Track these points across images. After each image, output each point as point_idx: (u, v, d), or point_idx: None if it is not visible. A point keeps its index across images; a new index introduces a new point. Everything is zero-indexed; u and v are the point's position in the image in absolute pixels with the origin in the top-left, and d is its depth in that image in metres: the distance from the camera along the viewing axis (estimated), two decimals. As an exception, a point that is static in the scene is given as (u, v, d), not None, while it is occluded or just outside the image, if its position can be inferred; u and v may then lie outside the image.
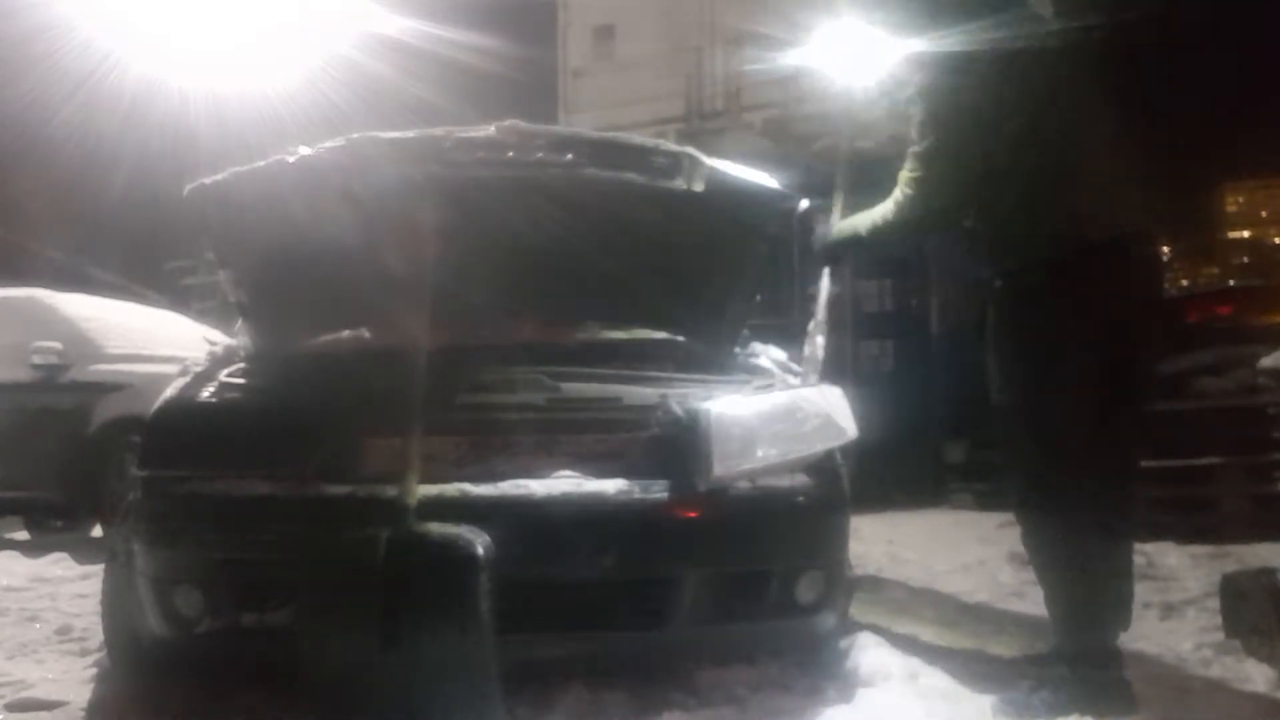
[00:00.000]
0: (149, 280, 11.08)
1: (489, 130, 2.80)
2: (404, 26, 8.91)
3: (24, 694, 2.70)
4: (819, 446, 2.69)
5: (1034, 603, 3.62)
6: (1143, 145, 2.92)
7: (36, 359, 5.78)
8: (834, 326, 3.22)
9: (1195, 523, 5.20)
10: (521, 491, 2.49)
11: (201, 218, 3.03)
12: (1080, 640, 2.54)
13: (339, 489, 2.48)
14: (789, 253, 7.60)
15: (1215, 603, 3.21)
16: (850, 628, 2.95)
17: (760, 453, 2.60)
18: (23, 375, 5.80)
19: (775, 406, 2.70)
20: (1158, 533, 5.12)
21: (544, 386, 2.76)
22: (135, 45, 9.62)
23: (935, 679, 2.72)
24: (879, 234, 2.84)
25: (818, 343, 3.04)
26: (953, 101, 2.61)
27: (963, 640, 3.21)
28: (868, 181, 3.03)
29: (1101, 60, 2.77)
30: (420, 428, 2.40)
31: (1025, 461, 2.66)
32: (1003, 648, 3.13)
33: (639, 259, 3.17)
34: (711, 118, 7.85)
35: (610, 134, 3.23)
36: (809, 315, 3.11)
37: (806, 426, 2.67)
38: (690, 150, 3.05)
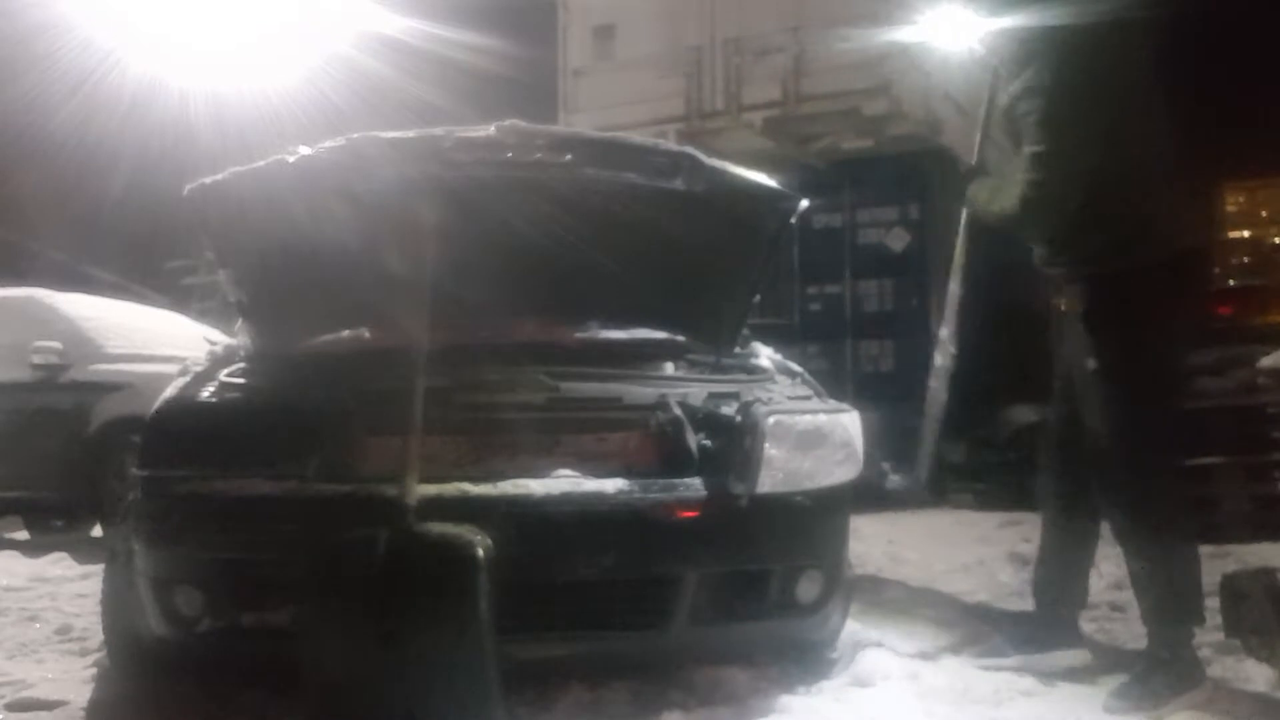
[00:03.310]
0: (149, 280, 11.07)
1: (489, 130, 2.80)
2: (404, 26, 8.91)
3: (24, 694, 2.71)
4: (839, 477, 2.71)
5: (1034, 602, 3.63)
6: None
7: (36, 359, 5.78)
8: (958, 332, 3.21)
9: (1195, 523, 5.18)
10: (521, 491, 2.49)
11: (201, 218, 3.02)
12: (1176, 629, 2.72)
13: (339, 489, 2.48)
14: (789, 253, 7.62)
15: (1215, 603, 3.21)
16: (850, 628, 2.94)
17: (799, 468, 2.61)
18: (23, 375, 5.79)
19: (819, 426, 2.70)
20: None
21: (544, 386, 2.76)
22: (135, 45, 9.62)
23: (935, 679, 2.72)
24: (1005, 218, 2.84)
25: (949, 351, 3.08)
26: (1068, 88, 2.61)
27: (963, 640, 3.21)
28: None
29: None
30: (420, 428, 2.41)
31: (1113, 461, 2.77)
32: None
33: (639, 259, 3.17)
34: (711, 117, 7.82)
35: (610, 134, 3.23)
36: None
37: (837, 454, 2.70)
38: (690, 150, 3.05)
